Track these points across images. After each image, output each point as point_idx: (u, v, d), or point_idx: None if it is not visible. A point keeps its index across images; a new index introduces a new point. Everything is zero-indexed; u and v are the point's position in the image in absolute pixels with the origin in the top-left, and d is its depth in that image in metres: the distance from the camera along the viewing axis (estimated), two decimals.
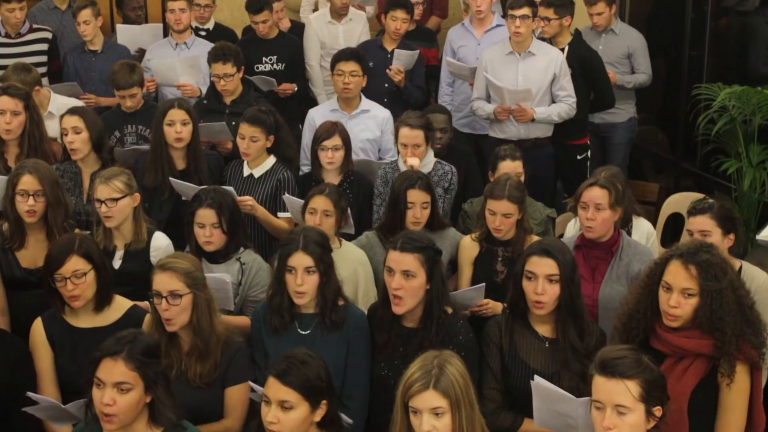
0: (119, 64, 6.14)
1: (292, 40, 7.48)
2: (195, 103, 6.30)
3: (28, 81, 5.97)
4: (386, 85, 6.82)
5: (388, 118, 6.22)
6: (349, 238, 5.10)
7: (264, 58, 7.22)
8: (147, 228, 4.77)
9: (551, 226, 5.65)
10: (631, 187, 5.54)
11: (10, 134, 5.36)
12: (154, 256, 4.66)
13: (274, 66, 7.23)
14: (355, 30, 7.68)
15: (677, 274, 3.54)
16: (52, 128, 5.72)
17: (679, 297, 3.54)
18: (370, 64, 6.45)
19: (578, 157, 6.71)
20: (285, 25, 7.88)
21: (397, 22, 6.97)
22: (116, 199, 4.61)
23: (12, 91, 5.37)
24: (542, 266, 3.87)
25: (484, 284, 4.64)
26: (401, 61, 6.85)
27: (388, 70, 6.79)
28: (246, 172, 5.57)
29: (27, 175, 4.56)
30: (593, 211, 4.58)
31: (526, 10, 6.23)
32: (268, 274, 4.59)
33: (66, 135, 5.32)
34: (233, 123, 6.02)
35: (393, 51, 6.96)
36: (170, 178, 5.32)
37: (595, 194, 4.60)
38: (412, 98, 6.91)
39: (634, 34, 7.31)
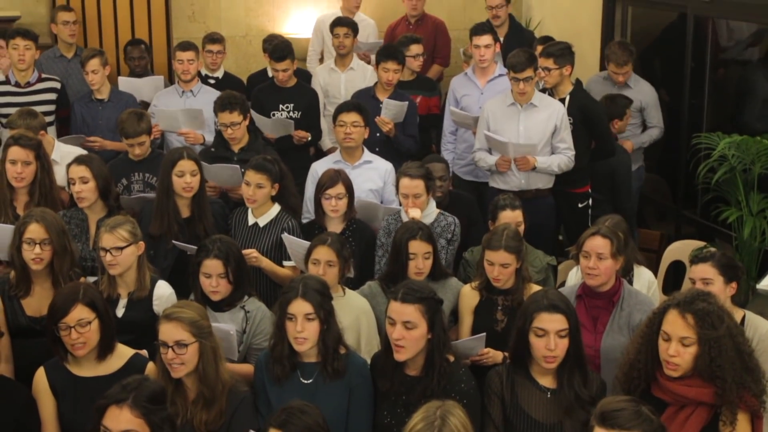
0: (127, 113, 6.20)
1: (309, 89, 7.57)
2: (201, 151, 6.37)
3: (34, 126, 6.05)
4: (378, 134, 6.85)
5: (390, 169, 6.27)
6: (349, 282, 5.12)
7: (281, 105, 7.30)
8: (150, 276, 4.80)
9: (551, 274, 5.69)
10: (634, 235, 5.56)
11: (21, 183, 5.43)
12: (157, 305, 4.69)
13: (291, 114, 7.31)
14: (357, 79, 7.77)
15: (675, 323, 3.57)
16: (57, 175, 5.74)
17: (678, 346, 3.56)
18: None
19: (579, 206, 6.73)
20: None
21: (389, 73, 7.03)
22: (121, 248, 4.65)
23: (23, 142, 5.44)
24: (553, 322, 3.91)
25: (484, 334, 4.66)
26: (390, 111, 6.89)
27: (377, 119, 6.82)
28: (251, 220, 5.61)
29: (34, 224, 4.62)
30: (595, 260, 4.61)
31: (529, 72, 6.29)
32: (272, 323, 4.58)
33: (73, 184, 5.36)
34: (241, 170, 6.09)
35: (384, 101, 7.02)
36: (174, 242, 5.36)
37: (597, 243, 4.64)
38: (404, 148, 6.93)
39: (647, 89, 7.35)
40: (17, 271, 4.66)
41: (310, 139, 7.31)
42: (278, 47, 7.30)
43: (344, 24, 7.79)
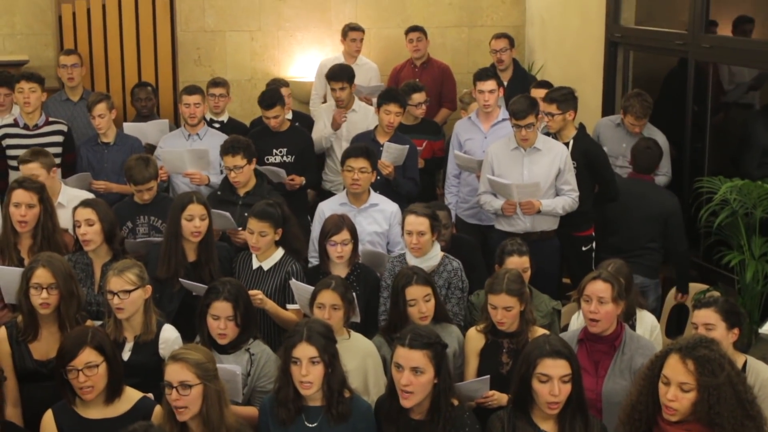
0: (134, 160, 6.22)
1: (302, 132, 7.60)
2: (208, 195, 6.41)
3: (48, 163, 6.13)
4: (378, 177, 6.85)
5: (396, 211, 6.30)
6: (354, 326, 5.14)
7: (274, 150, 7.35)
8: (156, 320, 4.83)
9: (557, 319, 5.71)
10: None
11: (24, 226, 5.44)
12: (163, 349, 4.71)
13: (284, 158, 7.35)
14: (359, 121, 7.82)
15: (675, 368, 3.58)
16: (62, 219, 5.78)
17: (677, 391, 3.57)
18: None
19: (583, 249, 6.76)
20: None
21: (390, 115, 7.08)
22: (128, 291, 4.68)
23: (27, 185, 5.47)
24: (557, 368, 3.93)
25: (488, 376, 4.68)
26: (391, 154, 6.93)
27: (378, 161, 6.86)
28: (255, 264, 5.64)
29: (41, 269, 4.64)
30: (596, 304, 4.63)
31: (531, 119, 6.33)
32: (276, 365, 4.61)
33: (79, 227, 5.39)
34: (245, 214, 6.10)
35: (384, 144, 7.06)
36: (180, 279, 5.39)
37: (598, 288, 4.65)
38: (404, 190, 6.97)
39: (659, 138, 7.33)
40: (25, 315, 4.69)
41: (304, 183, 7.35)
42: (266, 96, 7.36)
43: (339, 78, 7.71)
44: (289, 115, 7.89)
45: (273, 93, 7.42)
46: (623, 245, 6.62)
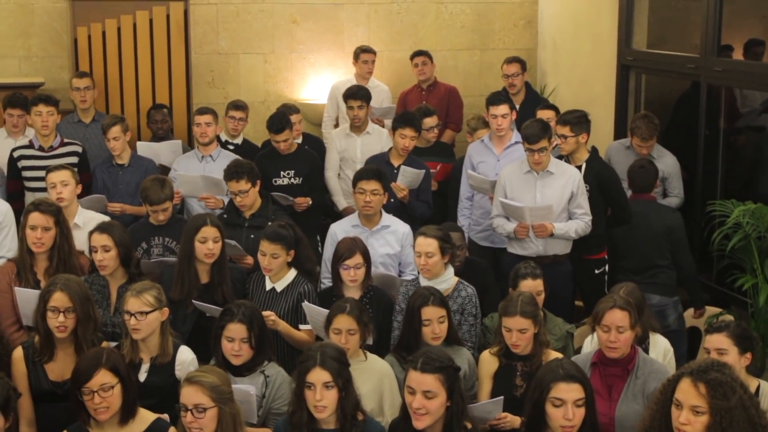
0: (150, 180, 6.27)
1: (310, 154, 7.64)
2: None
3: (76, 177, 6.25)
4: (392, 200, 6.92)
5: (408, 233, 6.33)
6: (367, 349, 5.14)
7: (282, 172, 7.39)
8: (173, 342, 4.85)
9: (571, 342, 5.71)
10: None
11: (41, 248, 5.47)
12: (179, 370, 4.74)
13: (292, 180, 7.39)
14: (373, 143, 7.88)
15: (687, 392, 3.58)
16: (78, 240, 5.82)
17: (689, 414, 3.56)
18: None
19: (596, 272, 6.75)
20: (296, 134, 8.09)
21: (406, 139, 7.12)
22: (146, 313, 4.71)
23: (43, 208, 5.50)
24: (571, 392, 3.95)
25: (502, 397, 4.67)
26: (406, 178, 6.98)
27: (392, 185, 6.88)
28: (268, 286, 5.66)
29: (58, 292, 4.68)
30: (615, 333, 4.63)
31: (543, 143, 6.35)
32: (291, 387, 4.62)
33: (95, 252, 5.42)
34: (252, 236, 6.17)
35: (399, 167, 7.11)
36: (194, 301, 5.42)
37: (616, 317, 4.65)
38: (417, 213, 7.00)
39: (670, 160, 7.36)
40: (41, 337, 4.72)
41: (311, 203, 7.36)
42: (275, 120, 7.38)
43: (358, 97, 7.82)
44: (299, 140, 7.92)
45: (281, 117, 7.45)
46: (635, 266, 6.63)
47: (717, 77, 7.36)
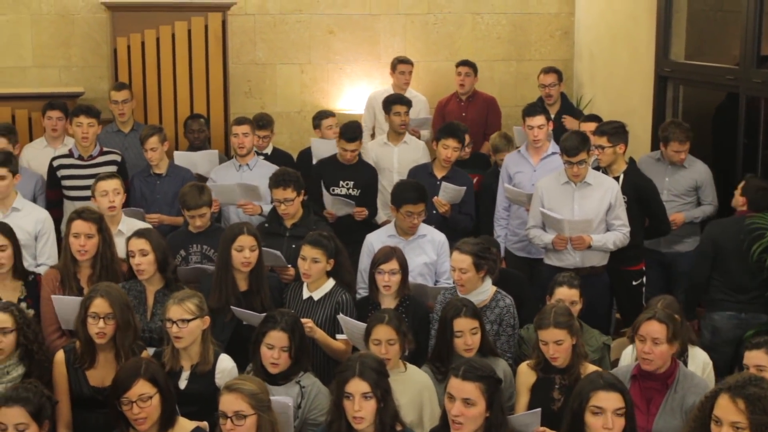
0: (189, 186, 6.33)
1: (369, 167, 7.65)
2: (256, 226, 6.46)
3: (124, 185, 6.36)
4: (434, 211, 6.95)
5: (443, 241, 6.34)
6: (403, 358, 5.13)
7: (341, 182, 7.42)
8: (214, 350, 4.88)
9: (607, 354, 5.67)
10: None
11: (84, 256, 5.53)
12: (219, 378, 4.76)
13: (350, 191, 7.42)
14: (410, 153, 7.89)
15: (726, 408, 3.55)
16: (121, 246, 5.86)
17: (729, 431, 3.55)
18: None
19: (634, 283, 6.73)
20: (334, 136, 8.11)
21: (449, 150, 7.14)
22: (187, 321, 4.75)
23: (86, 216, 5.56)
24: (610, 401, 3.94)
25: (539, 409, 4.64)
26: (447, 194, 6.99)
27: (434, 199, 6.89)
28: (306, 294, 5.68)
29: (99, 299, 4.73)
30: (650, 344, 4.61)
31: (582, 156, 6.34)
32: (327, 398, 4.64)
33: (133, 257, 5.48)
34: (293, 246, 6.17)
35: (442, 179, 7.11)
36: (232, 307, 5.44)
37: (653, 329, 4.63)
38: (459, 226, 7.00)
39: (702, 168, 7.32)
40: (82, 343, 4.77)
41: (367, 215, 7.37)
42: (349, 129, 7.40)
43: (405, 102, 7.92)
44: (333, 143, 7.93)
45: (356, 127, 7.48)
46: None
47: (756, 89, 7.31)
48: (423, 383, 4.91)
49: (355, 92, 9.77)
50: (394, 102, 7.93)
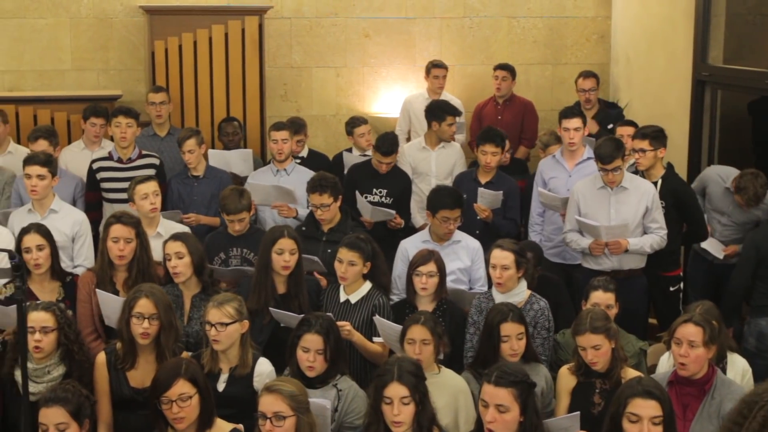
0: (229, 190, 6.38)
1: (403, 174, 7.63)
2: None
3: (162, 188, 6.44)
4: (478, 217, 6.96)
5: (478, 248, 6.33)
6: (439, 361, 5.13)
7: (374, 190, 7.43)
8: (252, 353, 4.90)
9: (643, 359, 5.65)
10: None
11: (122, 260, 5.57)
12: (257, 381, 4.79)
13: (383, 199, 7.42)
14: (447, 157, 7.89)
15: None
16: (159, 249, 5.87)
17: None
18: (464, 196, 6.57)
19: (671, 289, 6.69)
20: (367, 145, 8.12)
21: (487, 155, 7.13)
22: (226, 324, 4.77)
23: (125, 220, 5.60)
24: (647, 408, 3.92)
25: (578, 413, 4.63)
26: (485, 200, 6.99)
27: (474, 205, 6.89)
28: (342, 297, 5.69)
29: (144, 299, 4.77)
30: (686, 348, 4.57)
31: (617, 163, 6.32)
32: (364, 401, 4.67)
33: (169, 260, 5.52)
34: (329, 250, 6.20)
35: (485, 184, 7.12)
36: (271, 309, 5.47)
37: (689, 331, 4.60)
38: (502, 231, 6.96)
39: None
40: (124, 343, 4.81)
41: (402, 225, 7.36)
42: (386, 143, 7.37)
43: (458, 113, 7.93)
44: (370, 151, 7.95)
45: (392, 140, 7.44)
46: None
47: None
48: (458, 386, 4.92)
49: (391, 96, 9.78)
50: (448, 112, 7.86)
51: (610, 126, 8.27)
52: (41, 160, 6.31)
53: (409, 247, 6.29)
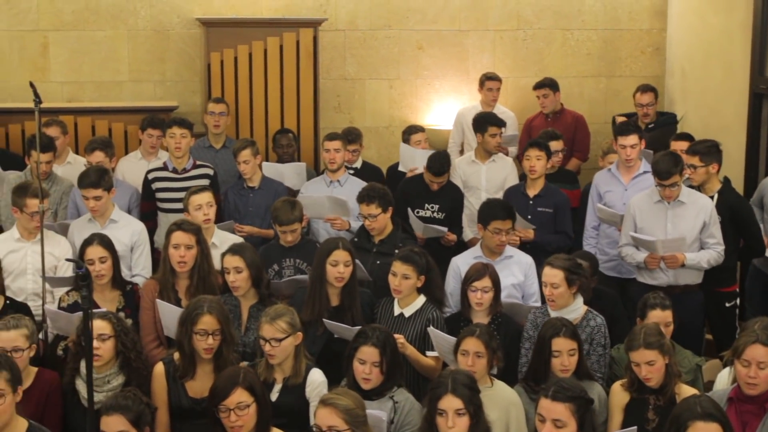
0: (281, 202, 6.43)
1: (455, 189, 7.60)
2: None
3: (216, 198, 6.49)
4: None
5: (530, 263, 6.31)
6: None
7: (426, 205, 7.41)
8: (306, 363, 4.93)
9: (700, 375, 5.59)
10: None
11: (183, 267, 5.64)
12: (310, 392, 4.82)
13: (434, 214, 7.40)
14: (498, 171, 7.87)
15: None
16: (215, 259, 5.92)
17: None
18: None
19: (727, 305, 6.62)
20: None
21: (531, 160, 7.10)
22: (279, 340, 4.81)
23: (186, 227, 5.69)
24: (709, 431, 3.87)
25: (635, 428, 4.57)
26: (521, 223, 6.85)
27: (516, 231, 6.71)
28: (396, 311, 5.70)
29: (207, 315, 4.81)
30: (756, 369, 4.51)
31: (675, 179, 6.28)
32: (419, 414, 4.66)
33: (228, 274, 5.57)
34: (378, 262, 6.24)
35: (534, 198, 7.09)
36: (324, 320, 5.49)
37: (758, 353, 4.51)
38: (551, 246, 6.88)
39: None
40: (185, 356, 4.86)
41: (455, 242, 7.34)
42: (438, 162, 7.33)
43: (501, 124, 7.89)
44: (421, 152, 7.95)
45: (444, 160, 7.40)
46: None
47: None
48: (510, 400, 4.91)
49: (444, 108, 9.80)
50: (491, 123, 7.84)
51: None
52: (93, 182, 6.32)
53: (461, 263, 6.25)
